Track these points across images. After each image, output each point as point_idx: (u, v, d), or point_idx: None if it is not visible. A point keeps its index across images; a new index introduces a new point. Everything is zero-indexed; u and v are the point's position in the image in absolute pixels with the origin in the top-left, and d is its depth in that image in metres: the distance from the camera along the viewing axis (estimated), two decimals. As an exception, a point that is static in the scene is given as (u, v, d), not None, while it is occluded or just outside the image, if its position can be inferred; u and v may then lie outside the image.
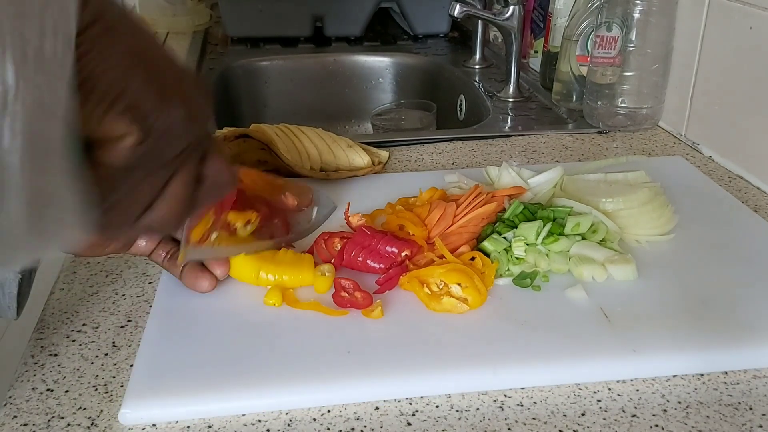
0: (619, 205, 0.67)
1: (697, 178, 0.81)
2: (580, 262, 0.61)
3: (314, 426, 0.47)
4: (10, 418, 0.48)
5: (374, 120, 1.23)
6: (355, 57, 1.49)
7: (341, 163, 0.81)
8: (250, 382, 0.50)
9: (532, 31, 1.29)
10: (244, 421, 0.48)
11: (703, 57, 0.90)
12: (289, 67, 1.47)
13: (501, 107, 1.13)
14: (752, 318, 0.56)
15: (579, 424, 0.47)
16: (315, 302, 0.57)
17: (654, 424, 0.47)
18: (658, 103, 0.98)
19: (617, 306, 0.57)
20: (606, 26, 0.93)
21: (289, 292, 0.59)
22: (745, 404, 0.49)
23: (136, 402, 0.48)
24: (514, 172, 0.74)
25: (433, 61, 1.46)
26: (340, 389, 0.49)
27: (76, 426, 0.47)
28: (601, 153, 0.92)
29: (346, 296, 0.57)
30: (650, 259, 0.64)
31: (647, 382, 0.51)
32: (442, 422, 0.47)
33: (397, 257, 0.61)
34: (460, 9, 1.10)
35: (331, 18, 1.56)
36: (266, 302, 0.58)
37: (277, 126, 0.83)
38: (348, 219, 0.68)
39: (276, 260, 0.60)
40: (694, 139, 0.93)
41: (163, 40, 1.55)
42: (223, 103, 1.34)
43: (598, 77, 0.96)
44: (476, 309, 0.57)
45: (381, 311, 0.56)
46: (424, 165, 0.89)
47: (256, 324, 0.56)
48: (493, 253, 0.62)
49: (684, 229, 0.68)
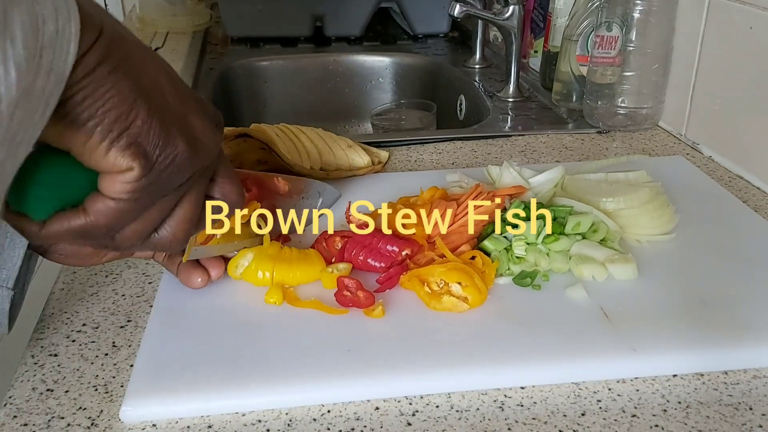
0: (619, 205, 0.67)
1: (698, 177, 0.81)
2: (581, 262, 0.61)
3: (314, 426, 0.47)
4: (10, 418, 0.48)
5: (374, 120, 1.23)
6: (355, 57, 1.49)
7: (341, 163, 0.81)
8: (251, 381, 0.50)
9: (532, 31, 1.29)
10: (244, 420, 0.48)
11: (703, 57, 0.90)
12: (289, 67, 1.47)
13: (501, 107, 1.13)
14: (752, 318, 0.56)
15: (579, 424, 0.47)
16: (316, 301, 0.57)
17: (654, 424, 0.47)
18: (658, 103, 0.98)
19: (617, 305, 0.57)
20: (606, 26, 0.93)
21: (289, 290, 0.59)
22: (745, 404, 0.49)
23: (137, 400, 0.48)
24: (515, 172, 0.74)
25: (433, 61, 1.46)
26: (340, 388, 0.49)
27: (76, 426, 0.47)
28: (601, 153, 0.92)
29: (348, 295, 0.57)
30: (651, 258, 0.64)
31: (647, 382, 0.51)
32: (442, 422, 0.47)
33: (398, 256, 0.61)
34: (460, 9, 1.10)
35: (331, 18, 1.56)
36: (267, 301, 0.58)
37: (277, 126, 0.83)
38: (349, 218, 0.68)
39: (283, 258, 0.60)
40: (694, 139, 0.93)
41: (163, 41, 1.55)
42: (223, 103, 1.34)
43: (598, 77, 0.96)
44: (476, 308, 0.57)
45: (382, 311, 0.56)
46: (424, 165, 0.89)
47: (257, 323, 0.56)
48: (494, 252, 0.62)
49: (685, 228, 0.68)
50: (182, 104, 0.40)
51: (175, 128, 0.39)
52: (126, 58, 0.36)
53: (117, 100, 0.36)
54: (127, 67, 0.36)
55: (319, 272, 0.60)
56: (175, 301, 0.58)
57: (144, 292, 0.62)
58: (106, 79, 0.35)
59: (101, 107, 0.35)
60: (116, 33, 0.36)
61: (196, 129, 0.41)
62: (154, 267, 0.66)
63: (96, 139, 0.36)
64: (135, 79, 0.37)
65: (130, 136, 0.36)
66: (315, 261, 0.61)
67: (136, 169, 0.37)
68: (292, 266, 0.60)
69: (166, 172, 0.39)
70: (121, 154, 0.36)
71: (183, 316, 0.57)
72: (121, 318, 0.59)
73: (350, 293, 0.57)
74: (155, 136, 0.37)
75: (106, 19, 0.36)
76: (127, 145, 0.36)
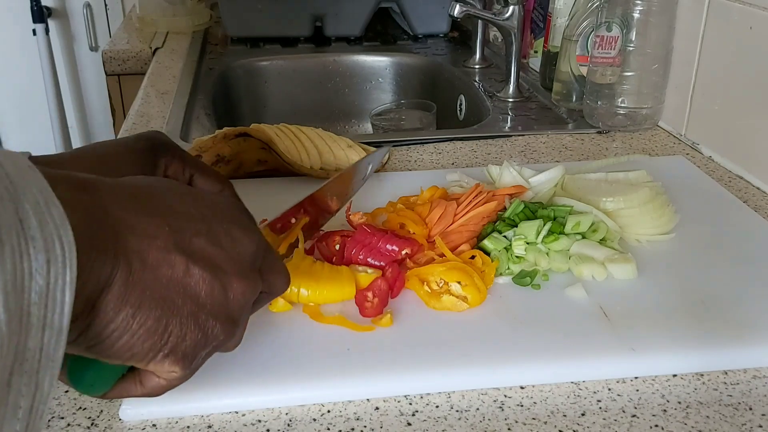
0: (619, 205, 0.67)
1: (698, 177, 0.81)
2: (580, 261, 0.61)
3: (314, 426, 0.47)
4: (9, 418, 0.48)
5: (374, 120, 1.23)
6: (355, 57, 1.49)
7: (341, 163, 0.81)
8: (250, 381, 0.50)
9: (532, 31, 1.29)
10: (244, 420, 0.48)
11: (703, 57, 0.90)
12: (289, 67, 1.46)
13: (501, 107, 1.13)
14: (752, 318, 0.56)
15: (579, 424, 0.47)
16: (340, 317, 0.56)
17: (654, 424, 0.47)
18: (658, 103, 0.98)
19: (617, 305, 0.57)
20: (606, 26, 0.93)
21: (314, 307, 0.57)
22: (745, 404, 0.49)
23: (137, 399, 0.48)
24: (515, 171, 0.74)
25: (433, 61, 1.46)
26: (340, 387, 0.49)
27: (76, 426, 0.47)
28: (600, 153, 0.92)
29: (369, 306, 0.56)
30: (650, 258, 0.64)
31: (647, 382, 0.51)
32: (442, 422, 0.47)
33: (398, 255, 0.61)
34: (460, 9, 1.10)
35: (331, 18, 1.56)
36: (271, 309, 0.57)
37: (276, 126, 0.83)
38: (349, 217, 0.68)
39: (313, 274, 0.58)
40: (694, 139, 0.93)
41: (163, 41, 1.55)
42: (223, 103, 1.34)
43: (598, 77, 0.96)
44: (476, 307, 0.57)
45: (390, 319, 0.55)
46: (424, 165, 0.89)
47: (256, 323, 0.56)
48: (494, 251, 0.62)
49: (684, 228, 0.68)
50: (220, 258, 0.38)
51: (212, 318, 0.37)
52: (153, 279, 0.34)
53: (149, 329, 0.34)
54: (152, 290, 0.34)
55: (352, 291, 0.58)
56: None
57: (144, 291, 0.62)
58: (133, 318, 0.34)
59: (134, 342, 0.34)
60: (133, 250, 0.34)
61: (231, 301, 0.38)
62: (153, 267, 0.65)
63: (133, 361, 0.35)
64: (163, 297, 0.35)
65: (164, 351, 0.36)
66: (345, 280, 0.58)
67: (178, 371, 0.37)
68: (321, 284, 0.57)
69: (211, 351, 0.39)
70: (160, 365, 0.36)
71: (183, 316, 0.56)
72: (121, 318, 0.58)
73: (371, 304, 0.56)
74: (191, 339, 0.36)
75: (122, 236, 0.34)
76: (164, 357, 0.36)
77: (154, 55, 1.46)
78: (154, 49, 1.50)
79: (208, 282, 0.37)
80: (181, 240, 0.36)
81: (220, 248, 0.38)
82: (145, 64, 1.45)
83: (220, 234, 0.38)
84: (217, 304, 0.37)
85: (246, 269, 0.39)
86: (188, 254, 0.36)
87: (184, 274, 0.36)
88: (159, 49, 1.50)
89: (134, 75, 1.47)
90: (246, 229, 0.40)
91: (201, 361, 0.39)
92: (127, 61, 1.49)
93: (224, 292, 0.38)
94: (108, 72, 1.50)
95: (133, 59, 1.50)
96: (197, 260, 0.36)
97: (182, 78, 1.29)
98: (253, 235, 0.40)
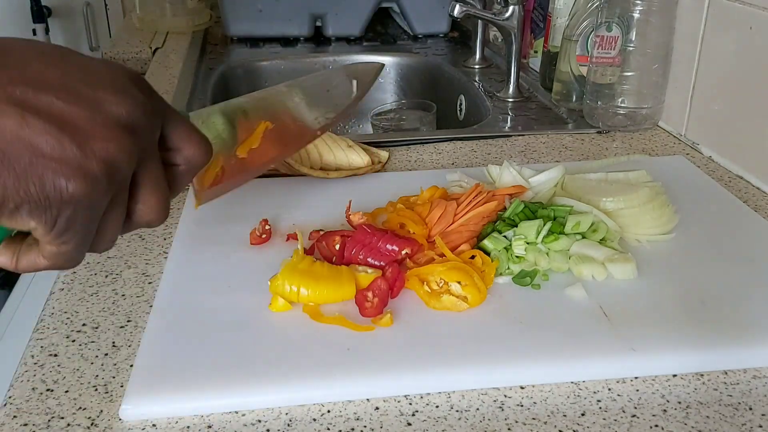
0: (619, 204, 0.67)
1: (698, 177, 0.81)
2: (580, 261, 0.61)
3: (314, 426, 0.47)
4: (10, 418, 0.48)
5: (374, 120, 1.23)
6: (355, 57, 1.49)
7: (341, 163, 0.81)
8: (250, 381, 0.50)
9: (532, 31, 1.29)
10: (244, 420, 0.48)
11: (703, 57, 0.90)
12: (289, 67, 1.46)
13: (501, 107, 1.13)
14: (752, 318, 0.56)
15: (579, 424, 0.47)
16: (340, 317, 0.56)
17: (654, 424, 0.47)
18: (658, 103, 0.98)
19: (617, 305, 0.57)
20: (606, 26, 0.93)
21: (314, 307, 0.57)
22: (745, 404, 0.49)
23: (137, 399, 0.48)
24: (515, 171, 0.74)
25: (433, 61, 1.46)
26: (340, 387, 0.49)
27: (76, 426, 0.47)
28: (600, 153, 0.92)
29: (369, 306, 0.56)
30: (650, 258, 0.64)
31: (647, 382, 0.51)
32: (442, 422, 0.47)
33: (398, 255, 0.61)
34: (460, 9, 1.10)
35: (331, 18, 1.56)
36: (271, 309, 0.57)
37: (277, 126, 0.82)
38: (349, 217, 0.68)
39: (312, 274, 0.58)
40: (694, 139, 0.93)
41: (163, 41, 1.55)
42: (223, 103, 1.33)
43: (598, 77, 0.96)
44: (476, 307, 0.57)
45: (390, 319, 0.55)
46: (424, 165, 0.89)
47: (256, 323, 0.56)
48: (494, 251, 0.62)
49: (684, 228, 0.68)
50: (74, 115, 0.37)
51: (61, 176, 0.36)
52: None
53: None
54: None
55: (352, 291, 0.58)
56: (175, 301, 0.58)
57: (144, 292, 0.62)
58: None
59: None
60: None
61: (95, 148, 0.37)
62: (154, 267, 0.66)
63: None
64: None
65: (9, 205, 0.35)
66: (345, 280, 0.58)
67: (41, 224, 0.36)
68: (320, 284, 0.57)
69: (82, 201, 0.37)
70: (21, 221, 0.35)
71: (183, 316, 0.57)
72: (121, 318, 0.59)
73: (371, 303, 0.56)
74: (37, 192, 0.35)
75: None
76: (13, 212, 0.35)
77: (154, 55, 1.46)
78: (154, 49, 1.50)
79: (54, 136, 0.36)
80: (22, 93, 0.36)
81: (76, 107, 0.37)
82: (145, 64, 1.45)
83: (82, 94, 0.37)
84: (66, 160, 0.36)
85: (112, 130, 0.37)
86: (25, 107, 0.36)
87: (19, 125, 0.35)
88: (159, 49, 1.50)
89: (134, 75, 1.47)
90: (122, 94, 0.38)
91: (84, 228, 0.38)
92: (127, 61, 1.49)
93: (78, 150, 0.36)
94: (108, 72, 1.50)
95: (133, 59, 1.50)
96: (37, 113, 0.36)
97: (182, 78, 1.29)
98: (130, 99, 0.39)
